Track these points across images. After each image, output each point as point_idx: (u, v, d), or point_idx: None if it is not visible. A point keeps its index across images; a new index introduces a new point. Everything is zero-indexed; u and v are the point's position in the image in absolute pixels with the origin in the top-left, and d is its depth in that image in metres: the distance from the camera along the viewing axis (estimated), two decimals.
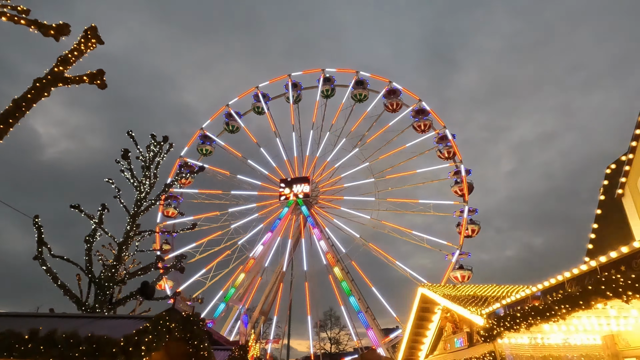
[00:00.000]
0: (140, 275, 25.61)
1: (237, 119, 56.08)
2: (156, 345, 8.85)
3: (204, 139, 55.29)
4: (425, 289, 28.79)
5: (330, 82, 54.97)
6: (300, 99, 56.88)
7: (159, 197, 27.22)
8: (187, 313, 11.18)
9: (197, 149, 55.23)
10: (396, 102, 50.62)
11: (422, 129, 50.03)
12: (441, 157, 48.77)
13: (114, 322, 11.29)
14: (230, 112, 56.16)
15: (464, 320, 26.71)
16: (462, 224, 45.63)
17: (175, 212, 49.70)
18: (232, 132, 56.39)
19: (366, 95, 53.09)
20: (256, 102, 56.57)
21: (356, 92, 53.23)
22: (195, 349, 12.45)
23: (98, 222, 24.54)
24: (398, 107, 50.69)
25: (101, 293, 23.83)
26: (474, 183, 47.79)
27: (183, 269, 29.24)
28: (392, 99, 50.68)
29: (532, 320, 11.07)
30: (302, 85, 56.94)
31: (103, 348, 7.89)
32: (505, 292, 26.06)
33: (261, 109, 56.26)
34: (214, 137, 55.85)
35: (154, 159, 27.28)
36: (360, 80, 53.46)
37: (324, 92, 54.98)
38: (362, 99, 53.34)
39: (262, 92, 56.88)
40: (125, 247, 25.57)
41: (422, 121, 49.91)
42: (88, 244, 24.60)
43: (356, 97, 53.37)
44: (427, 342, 32.33)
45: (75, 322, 10.87)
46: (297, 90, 56.55)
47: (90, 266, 24.05)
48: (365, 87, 53.30)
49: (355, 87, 53.34)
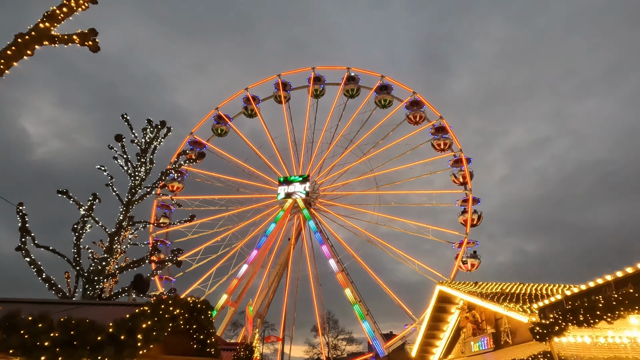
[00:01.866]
0: (134, 268, 23.33)
1: (227, 122, 54.49)
2: (157, 335, 6.64)
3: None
4: (445, 286, 26.58)
5: (320, 81, 53.80)
6: (289, 98, 55.56)
7: (155, 184, 24.97)
8: (193, 299, 9.00)
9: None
10: (419, 115, 48.50)
11: (442, 148, 48.10)
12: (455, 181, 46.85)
13: (104, 309, 9.04)
14: (220, 115, 54.38)
15: (488, 321, 24.66)
16: (468, 210, 43.79)
17: (181, 187, 47.92)
18: (221, 136, 54.72)
19: (390, 101, 51.28)
20: (246, 105, 54.97)
21: (380, 97, 51.32)
22: (201, 344, 10.18)
23: (88, 209, 22.25)
24: (421, 119, 48.67)
25: (90, 287, 21.51)
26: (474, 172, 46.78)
27: (180, 263, 26.97)
28: (415, 110, 48.61)
29: (622, 311, 8.96)
30: (291, 85, 55.58)
31: (84, 336, 5.67)
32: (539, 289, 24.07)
33: (251, 110, 54.49)
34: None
35: (151, 143, 25.05)
36: (385, 85, 51.52)
37: (315, 92, 53.88)
38: (387, 105, 51.51)
39: (252, 95, 55.24)
40: (118, 239, 23.28)
41: (442, 139, 47.99)
42: (76, 234, 22.30)
43: (380, 103, 51.55)
44: (441, 344, 30.16)
45: (55, 309, 8.61)
46: (287, 90, 55.27)
47: (78, 258, 21.77)
48: (389, 92, 51.42)
49: (379, 92, 51.40)
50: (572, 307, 10.64)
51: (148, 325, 6.43)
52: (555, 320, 11.13)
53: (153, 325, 6.56)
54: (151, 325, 6.51)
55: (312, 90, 53.39)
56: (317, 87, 53.34)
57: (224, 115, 54.22)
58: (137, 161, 24.17)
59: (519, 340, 20.59)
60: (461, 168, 46.38)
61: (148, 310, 6.69)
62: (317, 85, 53.37)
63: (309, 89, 53.78)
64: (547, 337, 11.79)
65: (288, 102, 55.30)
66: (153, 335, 6.52)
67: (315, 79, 53.48)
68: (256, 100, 55.12)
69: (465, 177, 45.80)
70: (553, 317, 11.31)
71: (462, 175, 45.96)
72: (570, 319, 10.55)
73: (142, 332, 6.26)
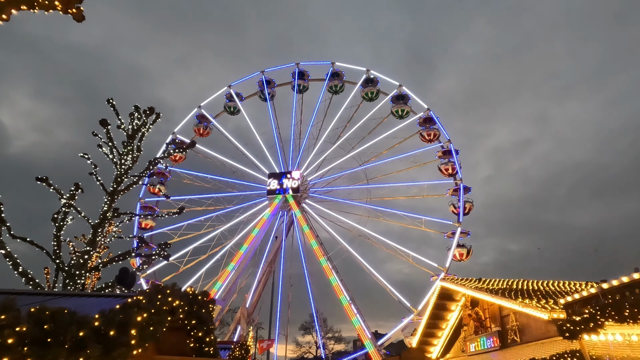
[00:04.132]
0: (119, 262, 21.78)
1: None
2: (154, 331, 5.32)
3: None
4: (447, 282, 25.49)
5: (304, 76, 53.24)
6: (273, 95, 54.79)
7: (143, 173, 23.43)
8: (193, 290, 7.68)
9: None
10: (434, 133, 47.05)
11: (430, 139, 47.43)
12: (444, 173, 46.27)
13: (88, 300, 7.65)
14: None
15: (492, 318, 23.67)
16: (459, 199, 43.20)
17: (162, 190, 46.11)
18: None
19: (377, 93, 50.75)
20: (229, 102, 53.54)
21: (366, 90, 50.63)
22: (200, 342, 8.83)
23: (69, 198, 20.63)
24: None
25: (71, 282, 19.90)
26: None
27: (168, 256, 25.44)
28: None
29: None
30: (275, 82, 54.71)
31: (61, 331, 4.33)
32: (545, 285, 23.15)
33: (233, 108, 53.28)
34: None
35: (139, 130, 23.49)
36: (371, 79, 50.85)
37: (299, 87, 53.32)
38: (373, 98, 50.83)
39: (235, 92, 53.96)
40: (101, 231, 21.68)
41: (431, 130, 47.32)
42: (56, 224, 20.67)
43: (367, 96, 50.86)
44: (439, 343, 29.16)
45: (26, 300, 7.21)
46: (271, 87, 54.42)
47: (58, 250, 20.17)
48: (375, 85, 50.81)
49: (365, 86, 50.73)
50: (614, 302, 9.60)
51: (144, 319, 5.12)
52: (592, 316, 10.08)
53: (149, 318, 5.25)
54: (147, 319, 5.20)
55: (296, 85, 52.76)
56: (302, 82, 52.78)
57: (206, 114, 52.88)
58: (123, 148, 22.63)
59: (528, 338, 19.62)
60: (450, 159, 45.72)
61: (143, 301, 5.38)
62: (301, 81, 52.78)
63: (293, 84, 53.10)
64: (578, 335, 10.76)
65: (272, 99, 54.36)
66: (150, 330, 5.21)
67: (300, 74, 52.87)
68: (239, 97, 53.92)
69: (454, 168, 45.26)
70: (588, 312, 10.26)
71: (451, 165, 45.28)
72: (612, 314, 9.52)
73: (136, 326, 4.95)
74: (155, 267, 44.34)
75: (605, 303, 9.94)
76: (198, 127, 51.43)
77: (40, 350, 4.23)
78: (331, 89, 51.64)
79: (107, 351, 4.54)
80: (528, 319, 19.71)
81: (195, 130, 51.76)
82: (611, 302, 9.75)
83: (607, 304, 9.82)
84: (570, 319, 11.05)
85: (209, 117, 52.72)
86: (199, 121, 52.20)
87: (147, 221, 45.73)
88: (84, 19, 12.32)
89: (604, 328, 10.18)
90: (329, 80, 51.51)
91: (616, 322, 9.60)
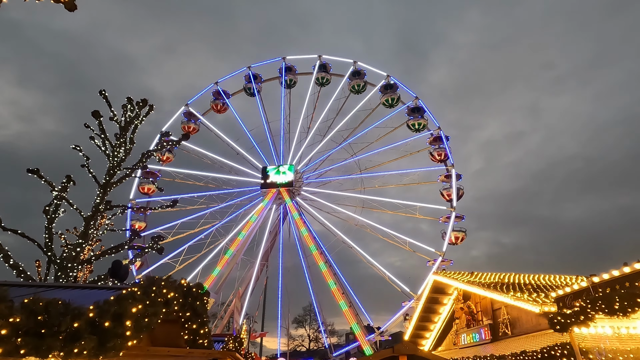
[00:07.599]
0: (111, 254, 21.68)
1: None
2: (149, 322, 5.31)
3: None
4: (440, 276, 25.69)
5: (291, 71, 53.45)
6: (260, 90, 54.90)
7: (136, 166, 23.30)
8: (187, 282, 7.67)
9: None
10: (444, 153, 46.38)
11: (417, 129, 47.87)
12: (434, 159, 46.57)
13: (82, 292, 7.61)
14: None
15: (484, 312, 23.91)
16: (452, 184, 43.91)
17: (153, 189, 45.71)
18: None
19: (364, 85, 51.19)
20: (216, 99, 53.40)
21: (353, 82, 50.91)
22: (194, 334, 8.84)
23: (61, 190, 20.48)
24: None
25: (63, 275, 19.79)
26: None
27: (162, 250, 25.37)
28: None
29: None
30: (262, 77, 54.85)
31: (55, 322, 4.30)
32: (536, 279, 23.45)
33: (223, 104, 53.25)
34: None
35: (132, 122, 23.34)
36: (358, 71, 51.18)
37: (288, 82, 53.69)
38: (361, 90, 51.21)
39: (222, 89, 53.91)
40: (94, 224, 21.54)
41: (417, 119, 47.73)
42: (48, 217, 20.53)
43: (354, 88, 51.13)
44: (431, 336, 29.38)
45: (20, 291, 7.16)
46: (258, 83, 54.41)
47: (50, 243, 20.04)
48: (362, 78, 51.24)
49: (352, 78, 51.03)
50: (604, 295, 9.73)
51: (138, 310, 5.11)
52: (582, 309, 10.22)
53: (145, 309, 5.23)
54: (142, 310, 5.19)
55: (284, 81, 52.97)
56: (291, 76, 52.98)
57: (194, 111, 52.56)
58: (116, 140, 22.47)
59: (519, 331, 19.90)
60: (440, 145, 46.04)
61: (138, 292, 5.36)
62: (290, 76, 52.96)
63: (280, 79, 53.34)
64: (568, 328, 10.92)
65: (260, 93, 54.41)
66: (145, 322, 5.20)
67: (287, 69, 52.97)
68: (226, 95, 53.88)
69: (446, 154, 45.78)
70: (579, 305, 10.40)
71: (443, 151, 45.72)
72: (602, 307, 9.65)
73: (131, 318, 4.94)
74: (151, 267, 44.27)
75: (595, 296, 10.08)
76: (188, 125, 51.23)
77: (35, 341, 4.21)
78: (318, 81, 52.20)
79: (102, 342, 4.53)
80: (519, 313, 19.97)
81: (184, 127, 51.36)
82: (602, 296, 9.89)
83: (598, 297, 9.95)
84: (561, 312, 11.20)
85: (196, 114, 52.53)
86: (186, 119, 51.90)
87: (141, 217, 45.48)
88: (76, 7, 12.16)
89: (594, 321, 10.34)
90: (317, 72, 52.06)
91: (606, 315, 9.74)
